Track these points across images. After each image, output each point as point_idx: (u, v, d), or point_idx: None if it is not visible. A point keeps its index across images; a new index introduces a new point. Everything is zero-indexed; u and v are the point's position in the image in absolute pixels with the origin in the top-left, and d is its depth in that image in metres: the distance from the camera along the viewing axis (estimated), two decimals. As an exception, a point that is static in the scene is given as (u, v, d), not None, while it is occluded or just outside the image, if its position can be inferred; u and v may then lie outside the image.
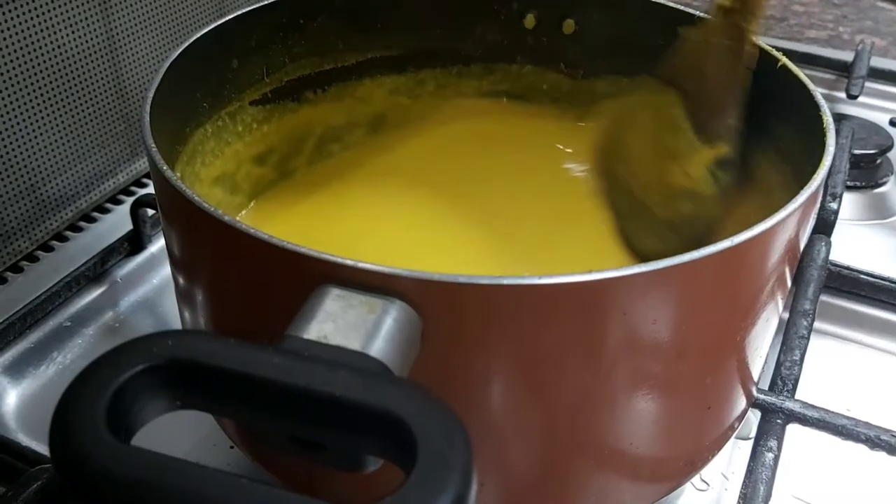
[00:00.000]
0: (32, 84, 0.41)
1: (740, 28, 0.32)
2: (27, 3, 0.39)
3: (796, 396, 0.35)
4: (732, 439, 0.31)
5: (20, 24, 0.39)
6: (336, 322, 0.21)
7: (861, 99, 0.58)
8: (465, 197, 0.39)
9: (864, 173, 0.51)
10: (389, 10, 0.39)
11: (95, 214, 0.46)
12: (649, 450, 0.27)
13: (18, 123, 0.41)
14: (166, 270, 0.43)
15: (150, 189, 0.47)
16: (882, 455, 0.32)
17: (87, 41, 0.43)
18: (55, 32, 0.41)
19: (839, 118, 0.53)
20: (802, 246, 0.27)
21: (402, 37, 0.40)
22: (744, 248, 0.23)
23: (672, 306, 0.23)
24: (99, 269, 0.42)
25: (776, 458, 0.32)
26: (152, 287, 0.43)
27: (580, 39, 0.39)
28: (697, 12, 0.36)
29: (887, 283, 0.42)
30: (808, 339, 0.37)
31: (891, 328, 0.41)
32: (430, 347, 0.22)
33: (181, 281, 0.29)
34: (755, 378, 0.30)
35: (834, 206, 0.44)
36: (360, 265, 0.21)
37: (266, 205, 0.39)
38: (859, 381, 0.39)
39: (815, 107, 0.29)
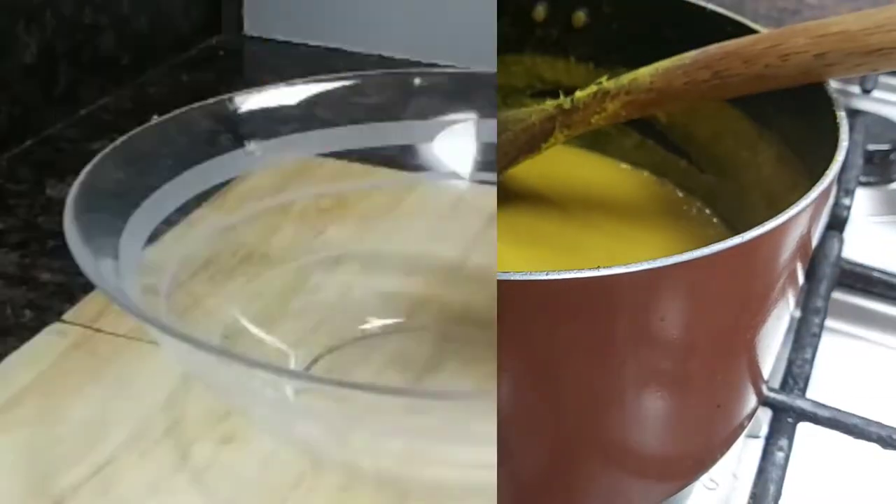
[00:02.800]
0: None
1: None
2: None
3: (808, 395, 0.34)
4: (742, 438, 0.31)
5: None
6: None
7: (875, 93, 0.57)
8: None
9: (878, 169, 0.50)
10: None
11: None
12: (657, 448, 0.26)
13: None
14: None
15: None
16: (895, 455, 0.32)
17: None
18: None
19: (853, 113, 0.52)
20: (815, 243, 0.27)
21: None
22: (754, 245, 0.23)
23: (681, 303, 0.23)
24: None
25: (787, 458, 0.32)
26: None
27: (591, 32, 0.39)
28: (709, 5, 0.35)
29: (901, 280, 0.41)
30: (819, 336, 0.37)
31: (904, 326, 0.41)
32: (436, 344, 0.22)
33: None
34: (766, 376, 0.29)
35: (847, 202, 0.43)
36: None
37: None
38: (872, 379, 0.38)
39: (828, 101, 0.29)
